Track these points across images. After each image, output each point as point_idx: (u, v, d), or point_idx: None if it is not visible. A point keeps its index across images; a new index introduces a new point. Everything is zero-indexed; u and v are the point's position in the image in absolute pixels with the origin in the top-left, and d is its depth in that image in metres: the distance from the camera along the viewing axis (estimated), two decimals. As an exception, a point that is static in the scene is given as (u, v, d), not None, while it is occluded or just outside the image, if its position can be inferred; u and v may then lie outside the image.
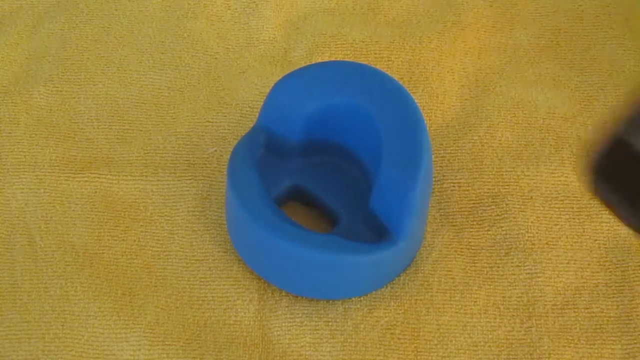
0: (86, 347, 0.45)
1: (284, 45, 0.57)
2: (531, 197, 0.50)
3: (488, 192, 0.50)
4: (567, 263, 0.48)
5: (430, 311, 0.46)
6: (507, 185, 0.50)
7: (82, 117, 0.53)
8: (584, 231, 0.49)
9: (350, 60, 0.55)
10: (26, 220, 0.49)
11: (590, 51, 0.56)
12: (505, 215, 0.49)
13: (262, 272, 0.47)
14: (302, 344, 0.45)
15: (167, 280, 0.47)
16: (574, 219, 0.49)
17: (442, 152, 0.51)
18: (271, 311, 0.46)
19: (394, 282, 0.47)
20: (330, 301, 0.47)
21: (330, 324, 0.46)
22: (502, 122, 0.53)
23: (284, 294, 0.47)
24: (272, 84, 0.48)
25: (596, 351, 0.45)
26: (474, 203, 0.50)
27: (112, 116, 0.53)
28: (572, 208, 0.50)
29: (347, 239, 0.43)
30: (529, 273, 0.47)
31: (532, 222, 0.49)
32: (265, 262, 0.46)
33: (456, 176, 0.51)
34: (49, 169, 0.51)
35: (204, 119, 0.53)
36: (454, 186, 0.50)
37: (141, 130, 0.53)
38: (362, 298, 0.47)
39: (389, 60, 0.55)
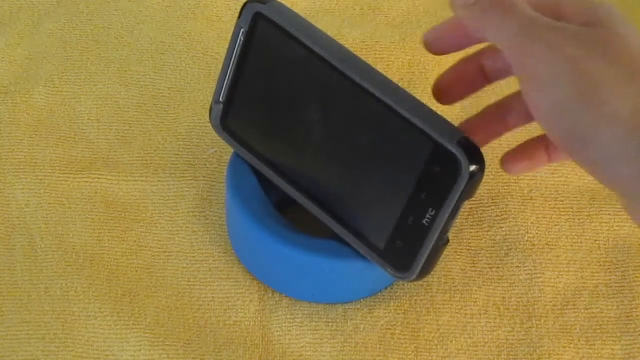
0: (86, 347, 0.45)
1: (284, 45, 0.57)
2: (531, 197, 0.50)
3: (488, 192, 0.50)
4: (567, 263, 0.48)
5: (430, 311, 0.46)
6: (507, 185, 0.50)
7: (82, 117, 0.53)
8: (584, 231, 0.49)
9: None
10: (26, 220, 0.49)
11: (590, 51, 0.56)
12: (505, 216, 0.49)
13: (263, 277, 0.47)
14: (302, 344, 0.45)
15: (167, 280, 0.47)
16: (574, 219, 0.49)
17: (442, 152, 0.51)
18: (271, 311, 0.46)
19: (393, 282, 0.47)
20: (330, 302, 0.47)
21: (330, 324, 0.46)
22: (502, 122, 0.52)
23: (284, 294, 0.47)
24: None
25: (596, 351, 0.45)
26: (474, 203, 0.50)
27: (112, 116, 0.53)
28: (572, 208, 0.50)
29: (346, 244, 0.43)
30: (529, 273, 0.47)
31: (532, 222, 0.49)
32: (266, 266, 0.46)
33: (456, 176, 0.51)
34: (49, 169, 0.51)
35: (204, 119, 0.53)
36: (454, 186, 0.50)
37: (141, 131, 0.53)
38: (361, 298, 0.47)
39: (389, 61, 0.55)
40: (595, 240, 0.49)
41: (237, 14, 0.59)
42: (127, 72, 0.55)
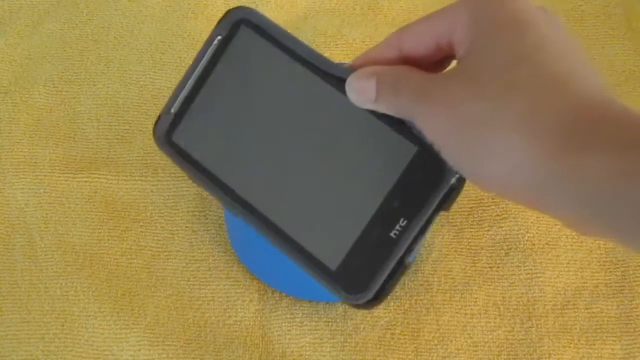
0: (86, 347, 0.45)
1: (284, 45, 0.57)
2: (531, 197, 0.50)
3: (488, 192, 0.50)
4: (567, 263, 0.48)
5: (430, 311, 0.46)
6: (507, 185, 0.50)
7: (82, 117, 0.53)
8: (584, 231, 0.49)
9: (350, 60, 0.55)
10: (26, 220, 0.49)
11: (590, 51, 0.56)
12: (505, 215, 0.49)
13: (263, 276, 0.47)
14: (302, 344, 0.45)
15: (167, 280, 0.47)
16: (574, 219, 0.49)
17: (442, 152, 0.51)
18: (271, 311, 0.46)
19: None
20: (330, 301, 0.47)
21: (330, 324, 0.46)
22: (502, 122, 0.52)
23: (284, 294, 0.47)
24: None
25: (596, 351, 0.45)
26: (474, 203, 0.50)
27: (112, 116, 0.53)
28: (572, 208, 0.50)
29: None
30: (529, 273, 0.47)
31: (532, 222, 0.49)
32: (266, 265, 0.46)
33: (456, 176, 0.51)
34: (49, 169, 0.51)
35: (204, 119, 0.53)
36: (454, 186, 0.50)
37: (141, 131, 0.53)
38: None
39: (389, 60, 0.55)
40: (596, 240, 0.49)
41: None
42: (127, 72, 0.55)
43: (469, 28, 0.32)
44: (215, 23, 0.61)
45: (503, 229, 0.49)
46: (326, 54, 0.55)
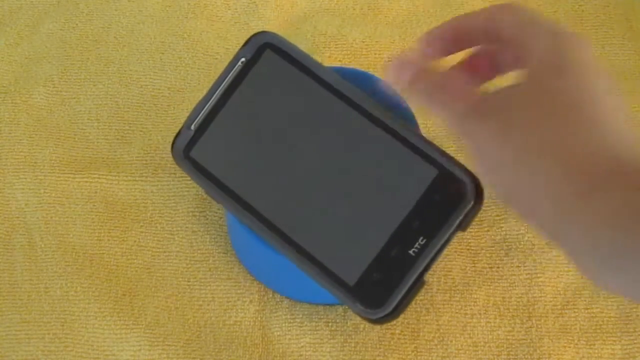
0: (86, 347, 0.45)
1: (284, 45, 0.57)
2: (531, 197, 0.50)
3: (488, 192, 0.50)
4: (567, 263, 0.48)
5: (430, 311, 0.46)
6: (507, 186, 0.50)
7: (82, 117, 0.53)
8: (584, 231, 0.49)
9: (350, 60, 0.55)
10: (26, 220, 0.49)
11: (590, 51, 0.56)
12: (505, 216, 0.49)
13: (263, 279, 0.47)
14: (302, 344, 0.45)
15: (167, 280, 0.47)
16: (574, 219, 0.49)
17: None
18: (271, 312, 0.46)
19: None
20: (330, 304, 0.47)
21: (330, 324, 0.46)
22: (502, 122, 0.52)
23: (284, 296, 0.47)
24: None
25: (596, 351, 0.45)
26: (474, 203, 0.50)
27: (112, 116, 0.53)
28: (572, 208, 0.50)
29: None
30: (529, 273, 0.47)
31: (532, 222, 0.49)
32: (267, 268, 0.46)
33: (456, 176, 0.51)
34: (49, 169, 0.51)
35: (204, 119, 0.53)
36: (454, 186, 0.50)
37: (141, 131, 0.53)
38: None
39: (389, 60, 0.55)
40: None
41: (237, 14, 0.60)
42: (127, 72, 0.55)
43: (546, 51, 0.34)
44: (215, 23, 0.61)
45: (503, 229, 0.49)
46: (326, 54, 0.55)
